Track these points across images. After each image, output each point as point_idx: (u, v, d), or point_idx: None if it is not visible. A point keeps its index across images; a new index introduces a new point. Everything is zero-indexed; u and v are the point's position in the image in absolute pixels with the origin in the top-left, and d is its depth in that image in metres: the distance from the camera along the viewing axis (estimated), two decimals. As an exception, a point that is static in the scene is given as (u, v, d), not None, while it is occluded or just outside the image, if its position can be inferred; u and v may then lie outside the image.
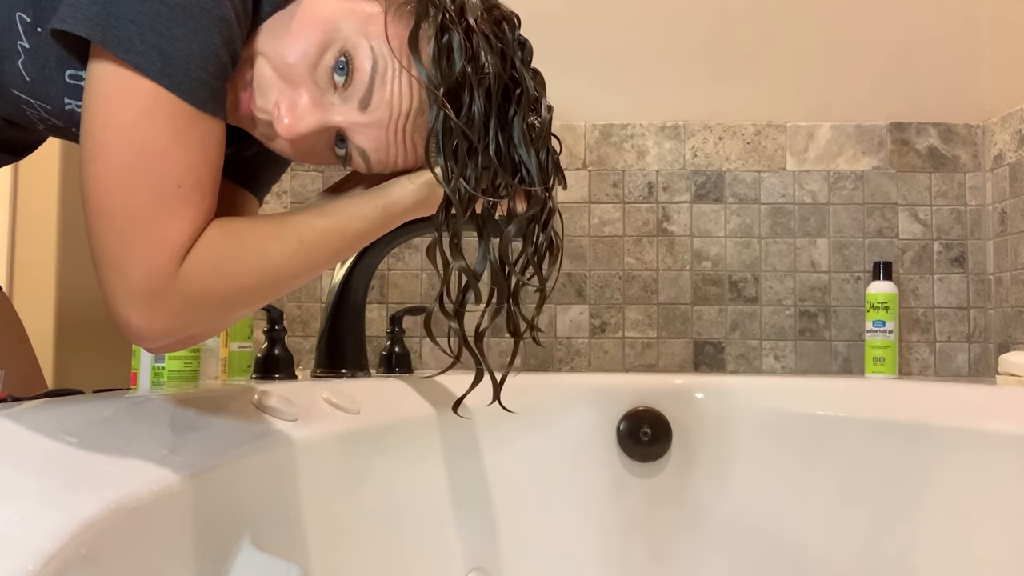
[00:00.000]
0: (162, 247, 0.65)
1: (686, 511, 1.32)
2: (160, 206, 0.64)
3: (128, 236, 0.64)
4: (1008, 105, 1.57)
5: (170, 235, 0.65)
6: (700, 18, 1.68)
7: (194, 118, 0.66)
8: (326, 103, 0.71)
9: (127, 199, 0.64)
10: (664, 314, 1.66)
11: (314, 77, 0.70)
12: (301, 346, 1.62)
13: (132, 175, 0.64)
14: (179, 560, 0.66)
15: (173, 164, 0.65)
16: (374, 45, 0.70)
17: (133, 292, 0.65)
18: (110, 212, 0.64)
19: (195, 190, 0.66)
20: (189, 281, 0.66)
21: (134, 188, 0.64)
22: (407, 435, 1.13)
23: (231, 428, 0.84)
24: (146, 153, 0.64)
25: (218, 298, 0.68)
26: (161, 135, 0.64)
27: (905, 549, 1.16)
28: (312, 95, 0.71)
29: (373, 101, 0.71)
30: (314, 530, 0.93)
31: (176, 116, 0.65)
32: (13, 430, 0.60)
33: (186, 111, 0.65)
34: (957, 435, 1.13)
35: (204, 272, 0.66)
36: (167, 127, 0.65)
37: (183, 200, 0.65)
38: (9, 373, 0.94)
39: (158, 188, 0.64)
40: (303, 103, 0.70)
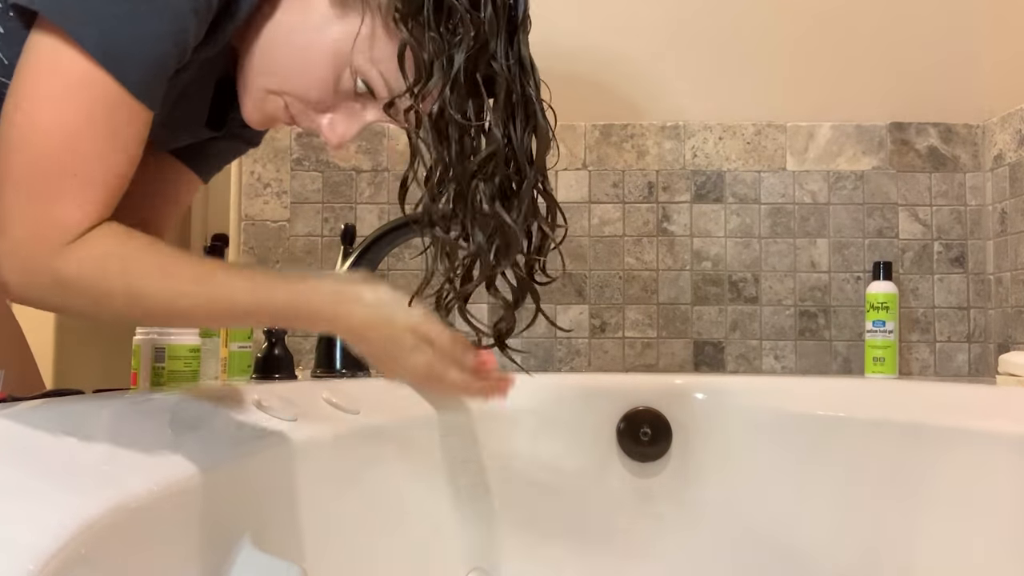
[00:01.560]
0: (42, 225, 0.66)
1: (686, 511, 1.32)
2: (52, 188, 0.66)
3: (17, 200, 0.66)
4: (1008, 105, 1.57)
5: (56, 215, 0.66)
6: (700, 18, 1.68)
7: (119, 105, 0.66)
8: (356, 111, 0.79)
9: (26, 169, 0.65)
10: (664, 314, 1.66)
11: (339, 97, 0.77)
12: (301, 346, 1.62)
13: (37, 148, 0.65)
14: (179, 560, 0.66)
15: (79, 152, 0.66)
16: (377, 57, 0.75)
17: (11, 251, 0.67)
18: (8, 171, 0.66)
19: (92, 182, 0.67)
20: (66, 270, 0.67)
21: (36, 162, 0.65)
22: (407, 435, 1.13)
23: (231, 428, 0.83)
24: (58, 129, 0.65)
25: (91, 295, 0.69)
26: (79, 116, 0.65)
27: (905, 549, 1.16)
28: (344, 111, 0.78)
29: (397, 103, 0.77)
30: (314, 530, 0.92)
31: (100, 100, 0.65)
32: (13, 430, 0.60)
33: (113, 96, 0.65)
34: (957, 435, 1.13)
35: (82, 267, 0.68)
36: (87, 110, 0.65)
37: (74, 189, 0.66)
38: (7, 373, 0.94)
39: (57, 171, 0.65)
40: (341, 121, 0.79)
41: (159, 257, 0.72)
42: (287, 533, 0.86)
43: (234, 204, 1.67)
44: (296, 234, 1.68)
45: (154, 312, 0.74)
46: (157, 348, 1.07)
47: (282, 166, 1.68)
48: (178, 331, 1.09)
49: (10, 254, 0.67)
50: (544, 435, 1.32)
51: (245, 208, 1.68)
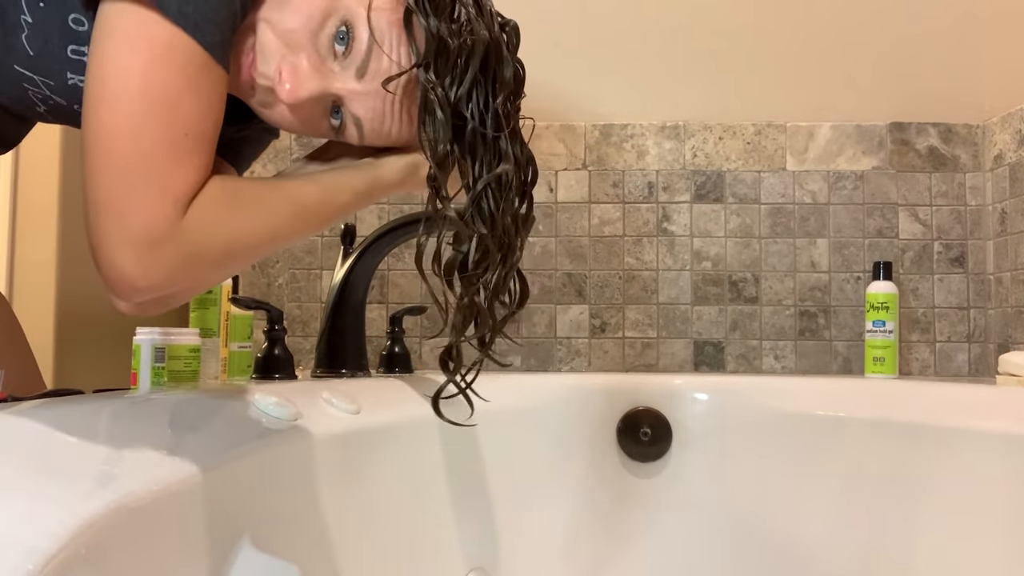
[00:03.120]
0: (167, 195, 0.64)
1: (686, 511, 1.32)
2: (168, 154, 0.64)
3: (133, 182, 0.64)
4: (1008, 105, 1.57)
5: (175, 184, 0.65)
6: (700, 18, 1.68)
7: (205, 66, 0.66)
8: (326, 70, 0.73)
9: (135, 145, 0.64)
10: (664, 314, 1.66)
11: (315, 44, 0.72)
12: (301, 346, 1.62)
13: (142, 121, 0.64)
14: (179, 560, 0.66)
15: (183, 112, 0.65)
16: (372, 16, 0.71)
17: (132, 238, 0.64)
18: (115, 156, 0.64)
19: (201, 140, 0.66)
20: (190, 232, 0.65)
21: (143, 134, 0.64)
22: (407, 435, 1.13)
23: (231, 428, 0.83)
24: (158, 100, 0.64)
25: (216, 251, 0.68)
26: (173, 81, 0.64)
27: (904, 549, 1.16)
28: (313, 61, 0.72)
29: (370, 70, 0.73)
30: (314, 530, 0.92)
31: (189, 62, 0.65)
32: (13, 430, 0.60)
33: (199, 57, 0.65)
34: (957, 435, 1.13)
35: (206, 224, 0.66)
36: (179, 73, 0.65)
37: (189, 149, 0.65)
38: (7, 373, 0.94)
39: (167, 136, 0.64)
40: (304, 68, 0.72)
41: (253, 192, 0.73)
42: (287, 533, 0.86)
43: (234, 204, 1.67)
44: (296, 234, 1.68)
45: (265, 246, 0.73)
46: (157, 348, 1.07)
47: (282, 166, 1.68)
48: (178, 331, 1.09)
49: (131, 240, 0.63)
50: (544, 435, 1.32)
51: (245, 208, 1.68)
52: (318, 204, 0.76)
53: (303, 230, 0.76)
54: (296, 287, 1.69)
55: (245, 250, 0.71)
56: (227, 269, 0.73)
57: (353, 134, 0.76)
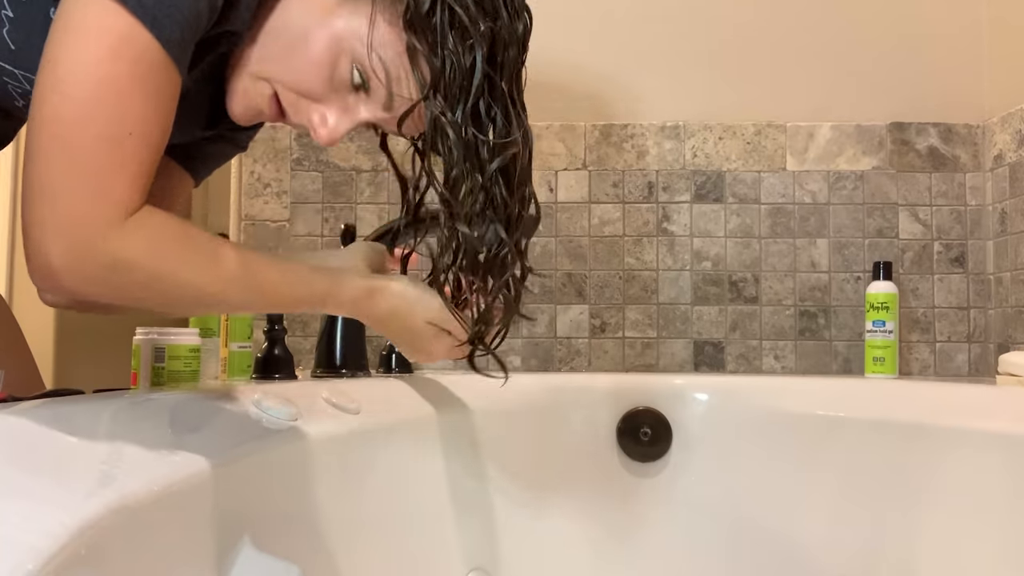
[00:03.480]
0: (106, 194, 0.63)
1: (686, 511, 1.32)
2: (110, 151, 0.64)
3: (75, 173, 0.63)
4: (1008, 105, 1.57)
5: (114, 183, 0.64)
6: (700, 18, 1.68)
7: (159, 63, 0.65)
8: (351, 106, 0.77)
9: (83, 135, 0.63)
10: (664, 314, 1.66)
11: (334, 89, 0.75)
12: (301, 346, 1.62)
13: (92, 111, 0.63)
14: (179, 560, 0.66)
15: (130, 110, 0.64)
16: (380, 54, 0.73)
17: (64, 228, 0.63)
18: (59, 144, 0.63)
19: (145, 142, 0.65)
20: (125, 244, 0.64)
21: (91, 126, 0.63)
22: (407, 435, 1.13)
23: (231, 428, 0.83)
24: (108, 92, 0.63)
25: (141, 277, 0.66)
26: (124, 75, 0.64)
27: (905, 549, 1.16)
28: (338, 105, 0.76)
29: (395, 104, 0.76)
30: (314, 530, 0.93)
31: (143, 59, 0.64)
32: (13, 430, 0.60)
33: (153, 53, 0.65)
34: (957, 435, 1.13)
35: (142, 242, 0.65)
36: (131, 68, 0.64)
37: (132, 151, 0.65)
38: (7, 373, 0.94)
39: (113, 132, 0.64)
40: (333, 114, 0.76)
41: (209, 243, 0.71)
42: (287, 533, 0.86)
43: (234, 204, 1.67)
44: (296, 234, 1.68)
45: (202, 300, 0.72)
46: (157, 348, 1.07)
47: (282, 166, 1.68)
48: (178, 331, 1.09)
49: (61, 232, 0.63)
50: (544, 435, 1.32)
51: (245, 208, 1.68)
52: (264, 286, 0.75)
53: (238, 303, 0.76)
54: (296, 287, 1.68)
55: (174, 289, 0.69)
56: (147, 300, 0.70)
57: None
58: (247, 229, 1.68)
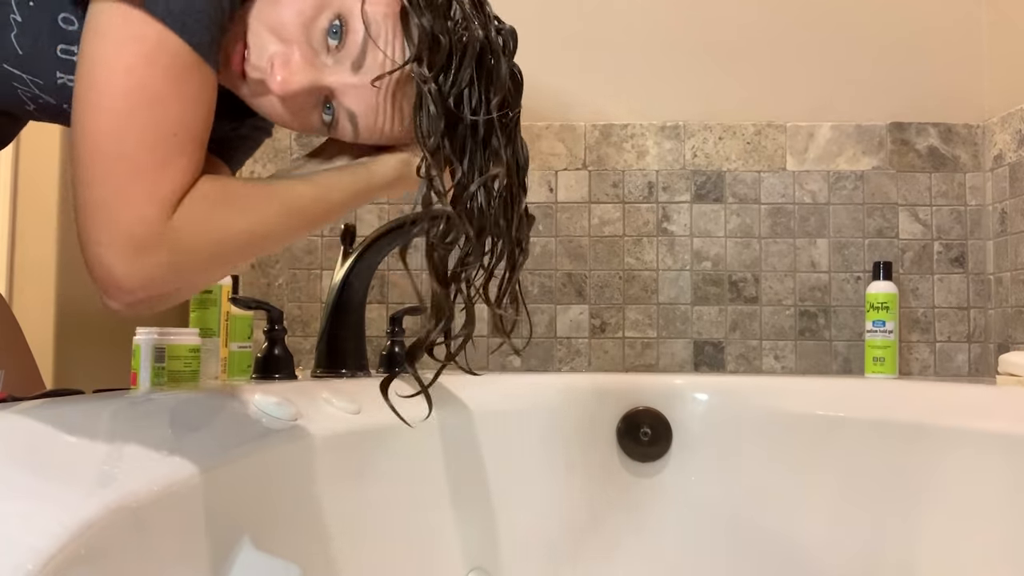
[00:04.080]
0: (154, 196, 0.64)
1: (686, 511, 1.32)
2: (155, 154, 0.64)
3: (120, 182, 0.63)
4: (1008, 105, 1.57)
5: (163, 184, 0.64)
6: (700, 18, 1.68)
7: (193, 65, 0.66)
8: (319, 63, 0.72)
9: (121, 145, 0.63)
10: (664, 314, 1.66)
11: (308, 37, 0.72)
12: (301, 346, 1.62)
13: (129, 121, 0.64)
14: (179, 560, 0.66)
15: (170, 112, 0.65)
16: (367, 10, 0.71)
17: (120, 239, 0.64)
18: (101, 157, 0.64)
19: (188, 140, 0.66)
20: (179, 233, 0.65)
21: (129, 134, 0.64)
22: (407, 435, 1.13)
23: (231, 428, 0.84)
24: (145, 99, 0.64)
25: (204, 253, 0.67)
26: (160, 81, 0.64)
27: (905, 549, 1.16)
28: (305, 54, 0.72)
29: (366, 63, 0.72)
30: (314, 530, 0.93)
31: (176, 62, 0.65)
32: (13, 430, 0.60)
33: (186, 57, 0.65)
34: (957, 435, 1.13)
35: (194, 226, 0.66)
36: (167, 73, 0.64)
37: (177, 150, 0.65)
38: (7, 373, 0.94)
39: (154, 136, 0.64)
40: (296, 60, 0.72)
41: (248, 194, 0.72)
42: (287, 533, 0.86)
43: (234, 204, 1.67)
44: (296, 234, 1.68)
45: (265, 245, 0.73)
46: (157, 348, 1.07)
47: (282, 166, 1.68)
48: (178, 331, 1.09)
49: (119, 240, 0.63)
50: (544, 435, 1.32)
51: (245, 208, 1.68)
52: (310, 204, 0.75)
53: (295, 230, 0.76)
54: (296, 287, 1.69)
55: (235, 251, 0.70)
56: (219, 270, 0.72)
57: (347, 128, 0.76)
58: (247, 229, 1.68)
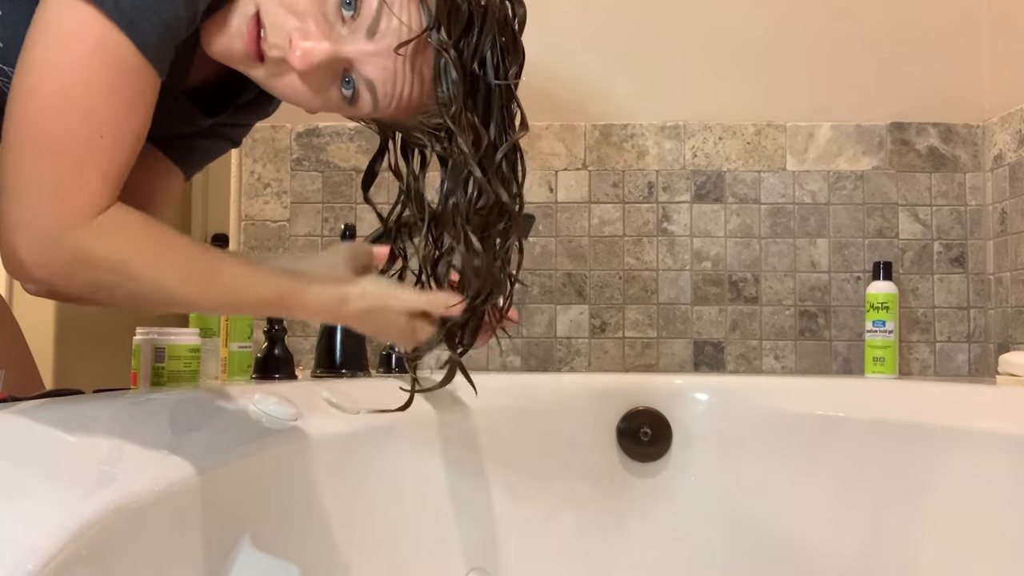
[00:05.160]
0: (73, 193, 0.64)
1: (686, 511, 1.32)
2: (79, 153, 0.64)
3: (43, 172, 0.64)
4: (1008, 105, 1.57)
5: (81, 185, 0.65)
6: (700, 18, 1.68)
7: (136, 67, 0.65)
8: (335, 35, 0.72)
9: (49, 137, 0.64)
10: (664, 314, 1.66)
11: (323, 9, 0.72)
12: (301, 346, 1.62)
13: (60, 115, 0.64)
14: (179, 560, 0.66)
15: (103, 113, 0.65)
16: None
17: (31, 225, 0.64)
18: (29, 145, 0.64)
19: (118, 144, 0.66)
20: (91, 243, 0.65)
21: (59, 128, 0.64)
22: (407, 435, 1.13)
23: (231, 428, 0.84)
24: (79, 96, 0.64)
25: (104, 275, 0.67)
26: (99, 81, 0.64)
27: (904, 549, 1.16)
28: (322, 27, 0.72)
29: (380, 28, 0.72)
30: (314, 530, 0.93)
31: (118, 62, 0.65)
32: (13, 430, 0.60)
33: (130, 59, 0.65)
34: (957, 435, 1.13)
35: (106, 239, 0.66)
36: (107, 74, 0.64)
37: (103, 152, 0.65)
38: (7, 373, 0.94)
39: (83, 135, 0.64)
40: (314, 34, 0.72)
41: (181, 242, 0.71)
42: (287, 533, 0.86)
43: (234, 204, 1.67)
44: (296, 234, 1.68)
45: (176, 300, 0.72)
46: (157, 348, 1.07)
47: (282, 166, 1.68)
48: (178, 331, 1.09)
49: (28, 227, 0.64)
50: (544, 435, 1.32)
51: (245, 208, 1.68)
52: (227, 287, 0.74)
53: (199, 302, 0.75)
54: (296, 287, 1.68)
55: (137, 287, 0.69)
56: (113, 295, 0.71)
57: (367, 100, 0.76)
58: (247, 229, 1.68)
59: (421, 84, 0.76)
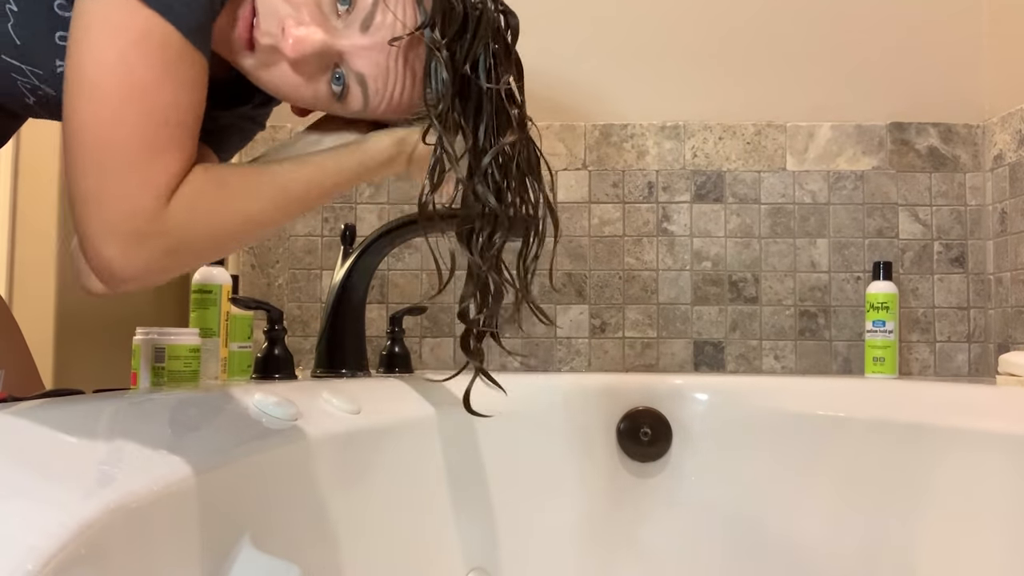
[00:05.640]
0: (148, 185, 0.64)
1: (686, 511, 1.32)
2: (147, 144, 0.64)
3: (114, 173, 0.64)
4: (1008, 105, 1.57)
5: (156, 174, 0.64)
6: (700, 18, 1.68)
7: (183, 52, 0.65)
8: (329, 26, 0.73)
9: (113, 135, 0.63)
10: (664, 314, 1.66)
11: (318, 2, 0.72)
12: (301, 346, 1.62)
13: (120, 111, 0.63)
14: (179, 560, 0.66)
15: (161, 101, 0.65)
16: None
17: (116, 229, 0.64)
18: (94, 148, 0.64)
19: (180, 128, 0.66)
20: (174, 222, 0.65)
21: (121, 124, 0.63)
22: (407, 435, 1.13)
23: (231, 428, 0.83)
24: (135, 89, 0.64)
25: (200, 240, 0.68)
26: (151, 70, 0.64)
27: (904, 549, 1.16)
28: (315, 17, 0.72)
29: (375, 22, 0.73)
30: (314, 530, 0.93)
31: (166, 50, 0.64)
32: (13, 430, 0.60)
33: (176, 44, 0.65)
34: (957, 435, 1.13)
35: (189, 214, 0.66)
36: (157, 61, 0.64)
37: (169, 139, 0.65)
38: (7, 373, 0.94)
39: (146, 125, 0.64)
40: (307, 22, 0.72)
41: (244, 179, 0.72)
42: (287, 533, 0.86)
43: (234, 204, 1.67)
44: (296, 234, 1.68)
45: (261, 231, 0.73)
46: (157, 348, 1.07)
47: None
48: (178, 331, 1.09)
49: (115, 231, 0.64)
50: (544, 435, 1.32)
51: (245, 208, 1.68)
52: (303, 187, 0.75)
53: (289, 214, 0.76)
54: (296, 287, 1.69)
55: (230, 237, 0.70)
56: (215, 254, 0.73)
57: (357, 96, 0.76)
58: (247, 229, 1.68)
59: (412, 84, 0.75)
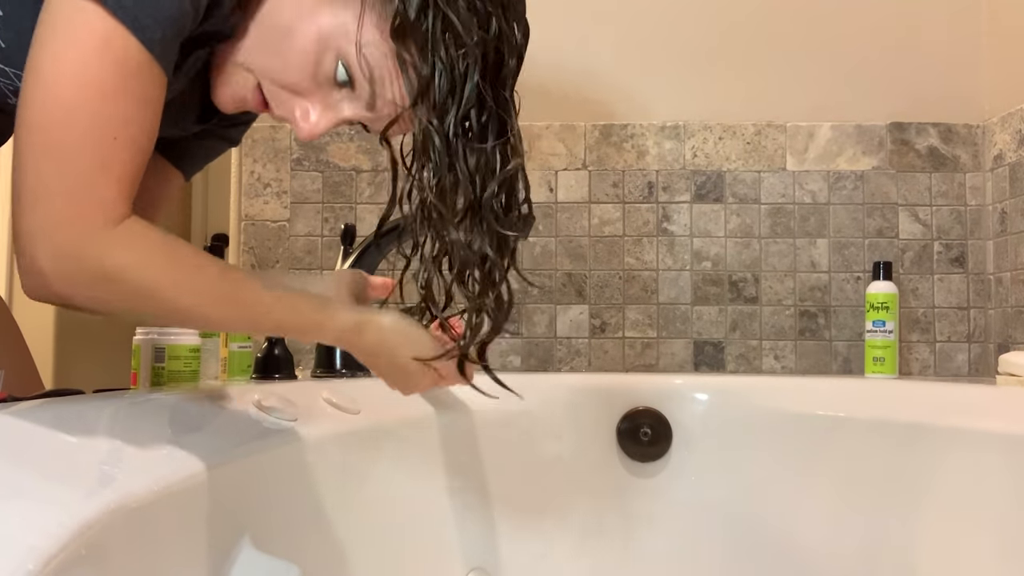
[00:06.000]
0: (92, 196, 0.64)
1: (686, 511, 1.32)
2: (96, 154, 0.64)
3: (57, 177, 0.63)
4: (1008, 105, 1.57)
5: (99, 188, 0.64)
6: (700, 18, 1.68)
7: (143, 64, 0.65)
8: (334, 103, 0.76)
9: (64, 136, 0.63)
10: (664, 314, 1.66)
11: (318, 84, 0.74)
12: (301, 346, 1.62)
13: (72, 113, 0.63)
14: (179, 560, 0.66)
15: (116, 114, 0.64)
16: (365, 53, 0.73)
17: (46, 232, 0.63)
18: (44, 149, 0.63)
19: (130, 144, 0.65)
20: (115, 254, 0.65)
21: (73, 127, 0.63)
22: (407, 435, 1.13)
23: (231, 428, 0.83)
24: (90, 95, 0.63)
25: (128, 289, 0.66)
26: (107, 78, 0.64)
27: (904, 549, 1.16)
28: (321, 100, 0.75)
29: (378, 104, 0.75)
30: (314, 530, 0.93)
31: (126, 62, 0.64)
32: (13, 430, 0.60)
33: (136, 54, 0.64)
34: (957, 435, 1.13)
35: (133, 257, 0.65)
36: (115, 72, 0.64)
37: (116, 153, 0.64)
38: (7, 373, 0.94)
39: (97, 136, 0.64)
40: (316, 110, 0.75)
41: (203, 260, 0.71)
42: (287, 533, 0.86)
43: (234, 204, 1.67)
44: (296, 234, 1.68)
45: (187, 317, 0.72)
46: (157, 348, 1.07)
47: (282, 166, 1.68)
48: (178, 331, 1.09)
49: (46, 234, 0.63)
50: (544, 435, 1.32)
51: (245, 208, 1.68)
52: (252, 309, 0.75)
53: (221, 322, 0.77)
54: (296, 287, 1.68)
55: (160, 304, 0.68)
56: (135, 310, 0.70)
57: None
58: (247, 229, 1.68)
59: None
